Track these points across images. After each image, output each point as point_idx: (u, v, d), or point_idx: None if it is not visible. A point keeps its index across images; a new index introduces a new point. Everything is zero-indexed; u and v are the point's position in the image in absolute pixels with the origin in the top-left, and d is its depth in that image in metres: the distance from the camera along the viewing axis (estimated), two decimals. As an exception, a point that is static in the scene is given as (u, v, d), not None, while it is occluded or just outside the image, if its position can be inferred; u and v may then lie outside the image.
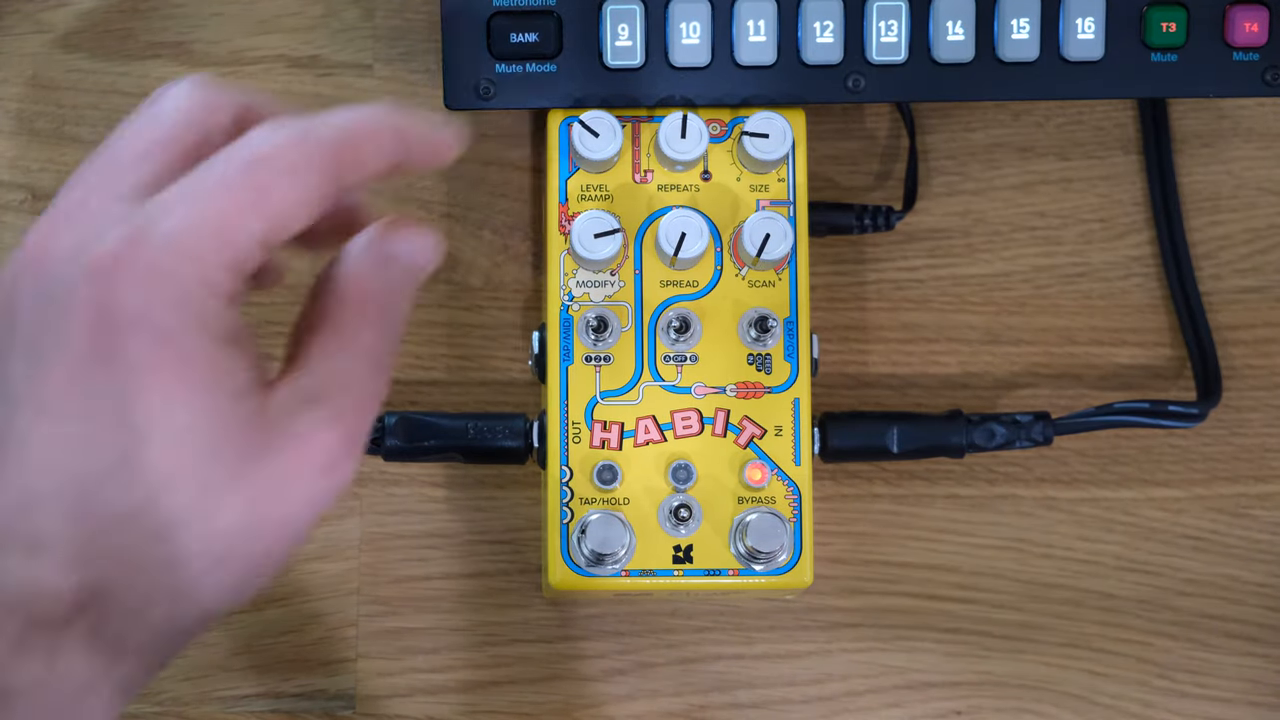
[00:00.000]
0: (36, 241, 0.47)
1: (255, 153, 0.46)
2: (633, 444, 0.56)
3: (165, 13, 0.62)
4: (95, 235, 0.46)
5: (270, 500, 0.47)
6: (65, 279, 0.46)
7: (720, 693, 0.61)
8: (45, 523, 0.45)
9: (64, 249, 0.47)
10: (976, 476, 0.61)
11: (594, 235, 0.55)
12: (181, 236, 0.45)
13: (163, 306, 0.45)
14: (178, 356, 0.46)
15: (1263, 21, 0.57)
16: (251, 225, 0.46)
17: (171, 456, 0.45)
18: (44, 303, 0.46)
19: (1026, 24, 0.57)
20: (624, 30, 0.56)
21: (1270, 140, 0.63)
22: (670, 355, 0.56)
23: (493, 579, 0.61)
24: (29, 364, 0.46)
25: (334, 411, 0.47)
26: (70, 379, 0.46)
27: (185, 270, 0.45)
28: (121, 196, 0.47)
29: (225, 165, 0.46)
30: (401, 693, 0.60)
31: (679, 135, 0.56)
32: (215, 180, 0.46)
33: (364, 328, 0.48)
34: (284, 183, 0.46)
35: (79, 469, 0.45)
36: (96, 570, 0.45)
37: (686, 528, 0.55)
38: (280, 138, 0.46)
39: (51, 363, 0.46)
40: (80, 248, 0.46)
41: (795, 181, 0.57)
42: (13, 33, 0.62)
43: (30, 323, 0.47)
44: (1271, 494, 0.62)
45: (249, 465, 0.46)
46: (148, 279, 0.45)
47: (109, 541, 0.45)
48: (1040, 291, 0.62)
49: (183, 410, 0.45)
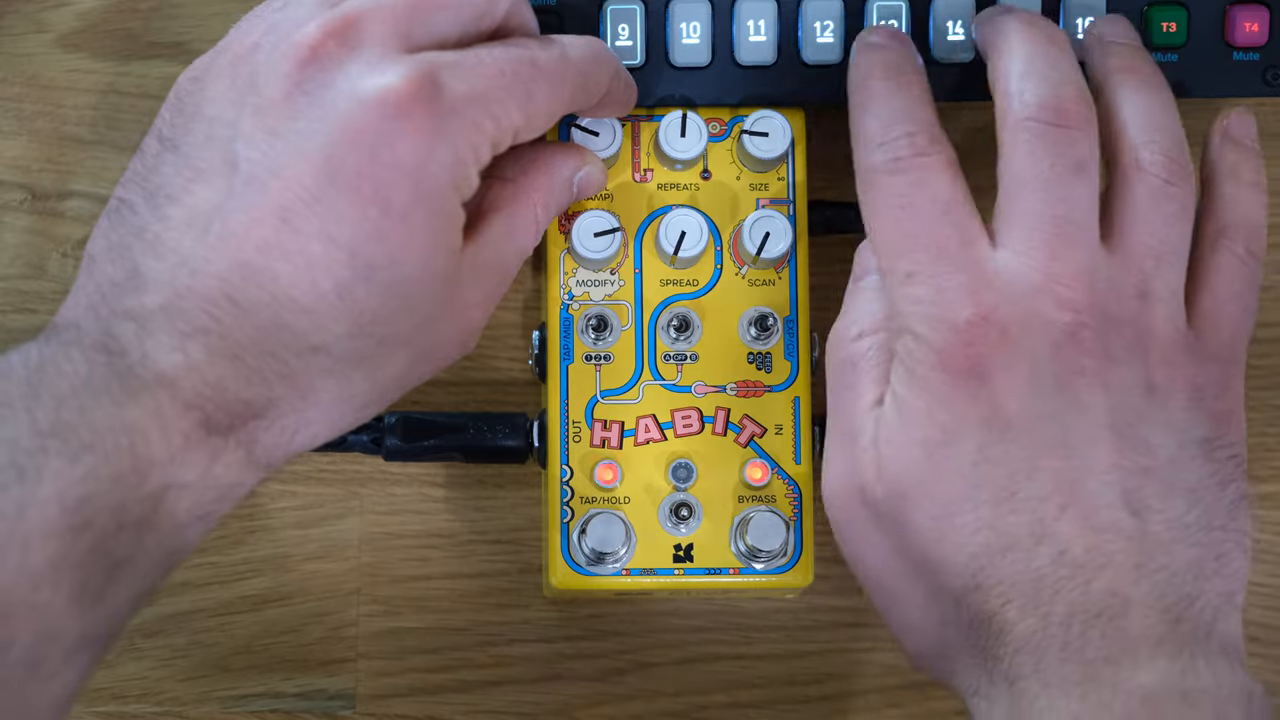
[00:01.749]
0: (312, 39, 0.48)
1: (533, 56, 0.50)
2: (633, 443, 0.56)
3: (165, 13, 0.62)
4: (380, 68, 0.47)
5: (424, 359, 0.51)
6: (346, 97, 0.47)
7: (720, 693, 0.61)
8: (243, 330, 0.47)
9: (346, 68, 0.47)
10: (977, 476, 0.61)
11: (594, 234, 0.55)
12: (468, 102, 0.48)
13: (435, 165, 0.47)
14: (428, 212, 0.48)
15: (1263, 21, 0.57)
16: (515, 116, 0.49)
17: (383, 304, 0.48)
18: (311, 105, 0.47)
19: (1026, 23, 0.57)
20: (624, 30, 0.56)
21: (1270, 140, 0.63)
22: (670, 354, 0.56)
23: (493, 579, 0.61)
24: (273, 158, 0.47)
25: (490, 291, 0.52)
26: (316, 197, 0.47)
27: (465, 136, 0.48)
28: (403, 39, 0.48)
29: (508, 58, 0.49)
30: (401, 693, 0.60)
31: (679, 134, 0.56)
32: (500, 66, 0.49)
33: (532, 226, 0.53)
34: (545, 91, 0.50)
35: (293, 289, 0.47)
36: (273, 390, 0.47)
37: (687, 526, 0.55)
38: (549, 53, 0.50)
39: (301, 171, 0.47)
40: (362, 75, 0.47)
41: (795, 180, 0.57)
42: (13, 33, 0.62)
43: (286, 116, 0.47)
44: (1271, 494, 0.62)
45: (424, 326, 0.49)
46: (433, 134, 0.47)
47: (293, 366, 0.47)
48: (1040, 291, 0.62)
49: (411, 263, 0.48)
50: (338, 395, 0.48)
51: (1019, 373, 0.49)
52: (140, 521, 0.44)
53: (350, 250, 0.47)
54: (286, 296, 0.47)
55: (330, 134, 0.47)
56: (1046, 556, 0.48)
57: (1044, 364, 0.49)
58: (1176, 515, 0.49)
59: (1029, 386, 0.49)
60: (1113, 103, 0.53)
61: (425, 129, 0.47)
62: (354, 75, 0.47)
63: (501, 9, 0.51)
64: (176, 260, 0.47)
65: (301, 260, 0.47)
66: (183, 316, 0.46)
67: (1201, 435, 0.50)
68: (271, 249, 0.46)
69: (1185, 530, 0.49)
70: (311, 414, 0.48)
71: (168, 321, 0.46)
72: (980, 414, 0.49)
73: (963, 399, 0.49)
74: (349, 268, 0.47)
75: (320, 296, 0.47)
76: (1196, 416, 0.50)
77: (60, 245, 0.62)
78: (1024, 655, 0.47)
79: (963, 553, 0.48)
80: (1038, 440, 0.48)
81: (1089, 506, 0.48)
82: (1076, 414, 0.49)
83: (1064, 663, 0.47)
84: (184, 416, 0.45)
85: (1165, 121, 0.52)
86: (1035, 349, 0.49)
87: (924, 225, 0.50)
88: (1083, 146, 0.50)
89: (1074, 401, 0.49)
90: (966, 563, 0.48)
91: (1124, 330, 0.50)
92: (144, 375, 0.45)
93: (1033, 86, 0.51)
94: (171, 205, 0.48)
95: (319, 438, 0.49)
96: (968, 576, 0.48)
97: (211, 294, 0.46)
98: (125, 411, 0.45)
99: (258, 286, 0.46)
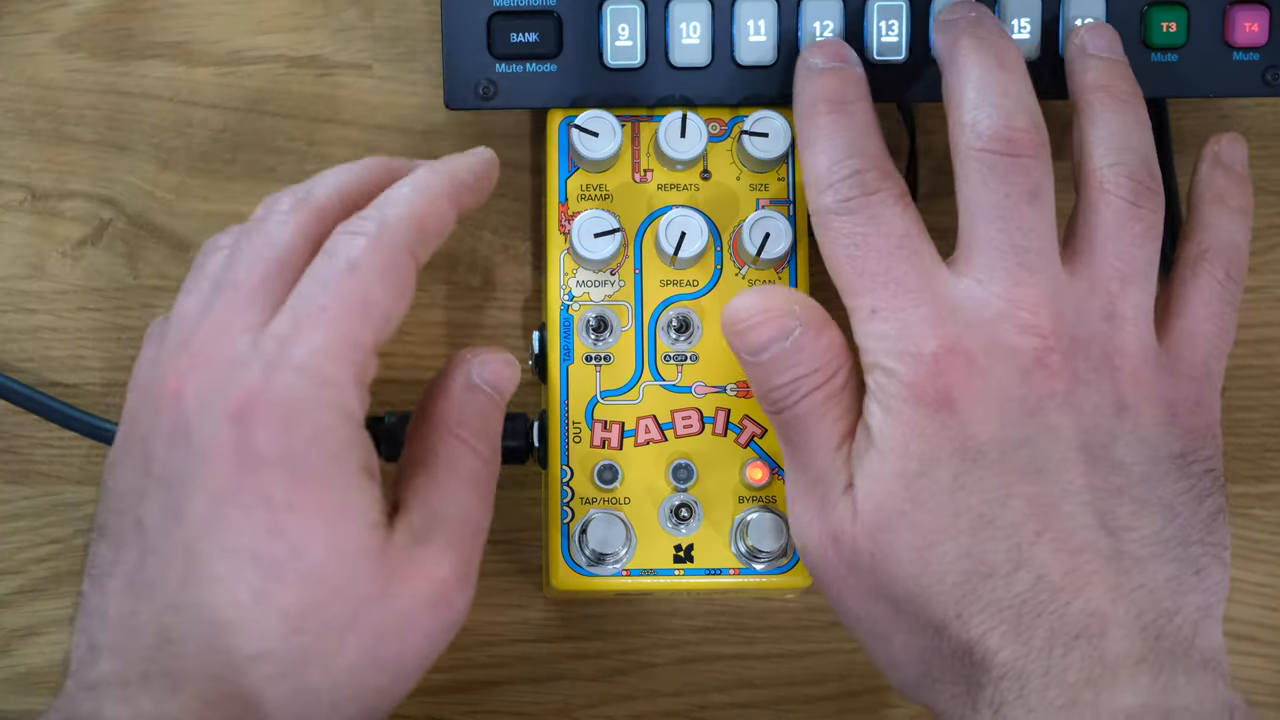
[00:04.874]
0: (170, 381, 0.49)
1: (349, 263, 0.49)
2: (633, 443, 0.56)
3: (165, 13, 0.62)
4: (229, 375, 0.48)
5: (390, 639, 0.48)
6: (204, 422, 0.48)
7: (720, 693, 0.61)
8: (181, 663, 0.47)
9: (201, 391, 0.48)
10: (976, 476, 0.61)
11: (594, 235, 0.55)
12: (312, 366, 0.48)
13: (301, 442, 0.47)
14: (314, 494, 0.47)
15: (1263, 21, 0.57)
16: (363, 336, 0.48)
17: (304, 596, 0.47)
18: (182, 445, 0.48)
19: (1027, 24, 0.57)
20: (624, 30, 0.56)
21: (1270, 140, 0.63)
22: (670, 354, 0.56)
23: (493, 579, 0.61)
24: (166, 506, 0.48)
25: (445, 543, 0.49)
26: (208, 522, 0.47)
27: (320, 398, 0.48)
28: (248, 327, 0.49)
29: (327, 283, 0.49)
30: (401, 693, 0.60)
31: (679, 134, 0.56)
32: (323, 300, 0.48)
33: (463, 454, 0.51)
34: (379, 287, 0.49)
35: (215, 610, 0.47)
36: (225, 712, 0.47)
37: (687, 527, 0.55)
38: (363, 245, 0.49)
39: (190, 506, 0.47)
40: (216, 389, 0.48)
41: (795, 180, 0.57)
42: (13, 33, 0.62)
43: (167, 465, 0.48)
44: (1271, 494, 0.62)
45: (371, 604, 0.48)
46: (286, 416, 0.47)
47: (241, 681, 0.47)
48: (1040, 291, 0.62)
49: (317, 549, 0.47)
50: (296, 699, 0.47)
51: (988, 401, 0.49)
52: None
53: (251, 554, 0.47)
54: (212, 620, 0.47)
55: (201, 462, 0.47)
56: (1025, 582, 0.48)
57: (1012, 390, 0.49)
58: (1153, 531, 0.49)
59: (998, 414, 0.49)
60: (1083, 122, 0.53)
61: (276, 418, 0.47)
62: (206, 401, 0.48)
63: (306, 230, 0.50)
64: (118, 623, 0.48)
65: (212, 582, 0.47)
66: (127, 671, 0.47)
67: (1176, 451, 0.50)
68: (188, 584, 0.47)
69: (1163, 546, 0.49)
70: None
71: (117, 679, 0.47)
72: (953, 443, 0.49)
73: (935, 429, 0.49)
74: (256, 571, 0.47)
75: (242, 608, 0.47)
76: (1170, 433, 0.50)
77: (60, 245, 0.62)
78: (1007, 682, 0.47)
79: (944, 582, 0.48)
80: (1010, 466, 0.49)
81: (1064, 529, 0.48)
82: (1048, 438, 0.49)
83: (1046, 688, 0.47)
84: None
85: (1135, 141, 0.53)
86: (1003, 376, 0.49)
87: (881, 262, 0.51)
88: (1036, 174, 0.51)
89: (1044, 426, 0.49)
90: (948, 592, 0.48)
91: (1091, 352, 0.50)
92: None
93: (985, 116, 0.51)
94: (110, 580, 0.49)
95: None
96: (949, 605, 0.48)
97: (148, 641, 0.47)
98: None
99: (186, 620, 0.47)
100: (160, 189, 0.62)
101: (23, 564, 0.61)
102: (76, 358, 0.61)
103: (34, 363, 0.61)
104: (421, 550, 0.49)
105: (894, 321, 0.50)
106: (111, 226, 0.62)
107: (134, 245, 0.61)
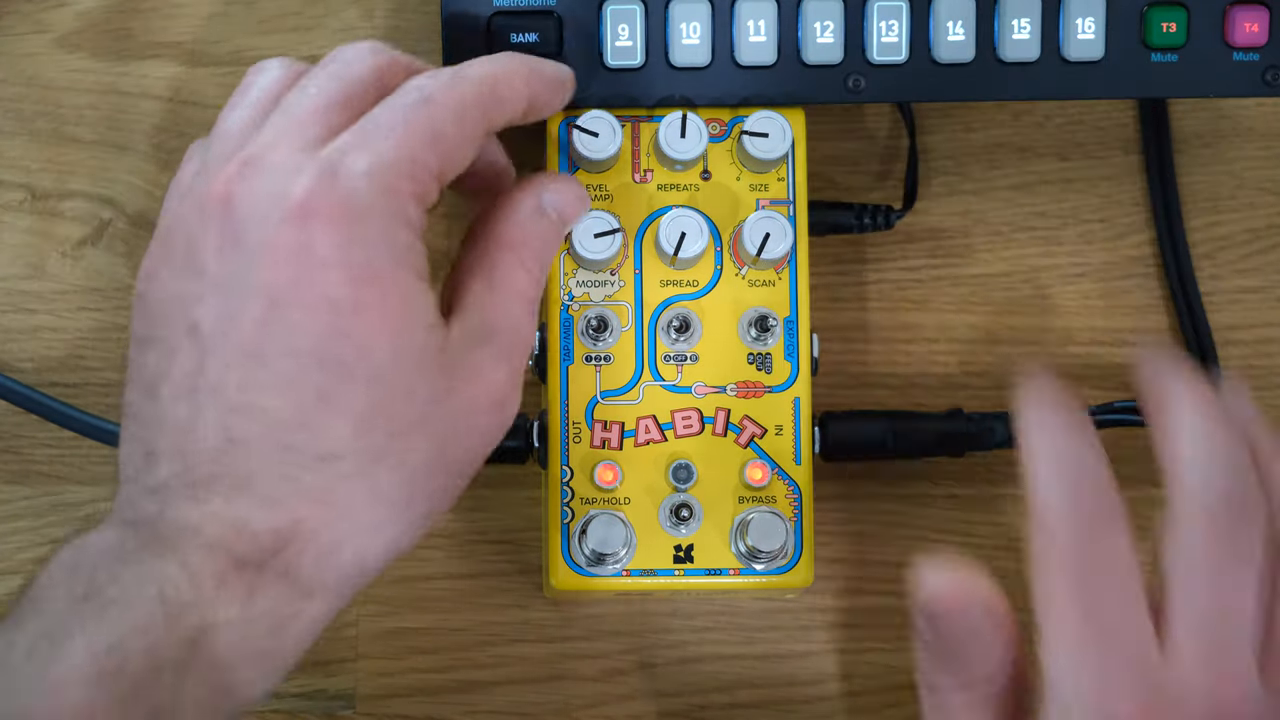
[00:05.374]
0: (218, 187, 0.48)
1: (423, 96, 0.49)
2: (633, 444, 0.56)
3: (165, 13, 0.62)
4: (286, 181, 0.47)
5: (453, 438, 0.49)
6: (260, 225, 0.47)
7: (720, 693, 0.61)
8: (249, 464, 0.47)
9: (255, 195, 0.48)
10: (976, 476, 0.61)
11: (594, 235, 0.55)
12: (376, 172, 0.48)
13: (362, 245, 0.47)
14: (379, 294, 0.47)
15: (1263, 21, 0.57)
16: (429, 161, 0.49)
17: (371, 395, 0.47)
18: (234, 249, 0.48)
19: (1027, 24, 0.57)
20: (624, 30, 0.56)
21: (1270, 140, 0.63)
22: (670, 355, 0.56)
23: (493, 579, 0.61)
24: (222, 310, 0.48)
25: (502, 350, 0.50)
26: (268, 323, 0.47)
27: (382, 205, 0.48)
28: (305, 147, 0.48)
29: (397, 109, 0.49)
30: (401, 693, 0.60)
31: (679, 135, 0.56)
32: (392, 122, 0.48)
33: (519, 272, 0.51)
34: (451, 123, 0.49)
35: (281, 411, 0.47)
36: (295, 511, 0.47)
37: (687, 527, 0.55)
38: (439, 84, 0.49)
39: (248, 309, 0.47)
40: (273, 194, 0.47)
41: (795, 181, 0.57)
42: (13, 33, 0.62)
43: (220, 270, 0.48)
44: (1271, 494, 0.62)
45: (436, 404, 0.48)
46: (347, 218, 0.47)
47: (309, 481, 0.47)
48: (1040, 291, 0.62)
49: (383, 349, 0.47)
50: (369, 498, 0.48)
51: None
52: (178, 664, 0.45)
53: (317, 357, 0.47)
54: (278, 421, 0.47)
55: (260, 264, 0.47)
56: None
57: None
58: None
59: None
60: None
61: (337, 218, 0.47)
62: (263, 203, 0.47)
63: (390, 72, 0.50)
64: (176, 429, 0.48)
65: (278, 384, 0.47)
66: (191, 473, 0.47)
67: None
68: (249, 385, 0.47)
69: None
70: (346, 525, 0.47)
71: (181, 483, 0.47)
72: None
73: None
74: (322, 372, 0.47)
75: (308, 409, 0.47)
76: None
77: (60, 245, 0.62)
78: None
79: None
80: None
81: None
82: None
83: None
84: (211, 559, 0.46)
85: None
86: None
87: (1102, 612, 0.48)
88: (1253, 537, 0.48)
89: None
90: None
91: None
92: (167, 534, 0.46)
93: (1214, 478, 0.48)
94: (161, 387, 0.48)
95: (371, 549, 0.48)
96: None
97: (212, 444, 0.47)
98: (150, 566, 0.45)
99: (249, 421, 0.47)
100: (160, 189, 0.62)
101: (23, 564, 0.61)
102: (76, 358, 0.61)
103: (34, 363, 0.61)
104: (479, 352, 0.50)
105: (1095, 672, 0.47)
106: (111, 226, 0.62)
107: (134, 245, 0.61)
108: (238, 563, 0.46)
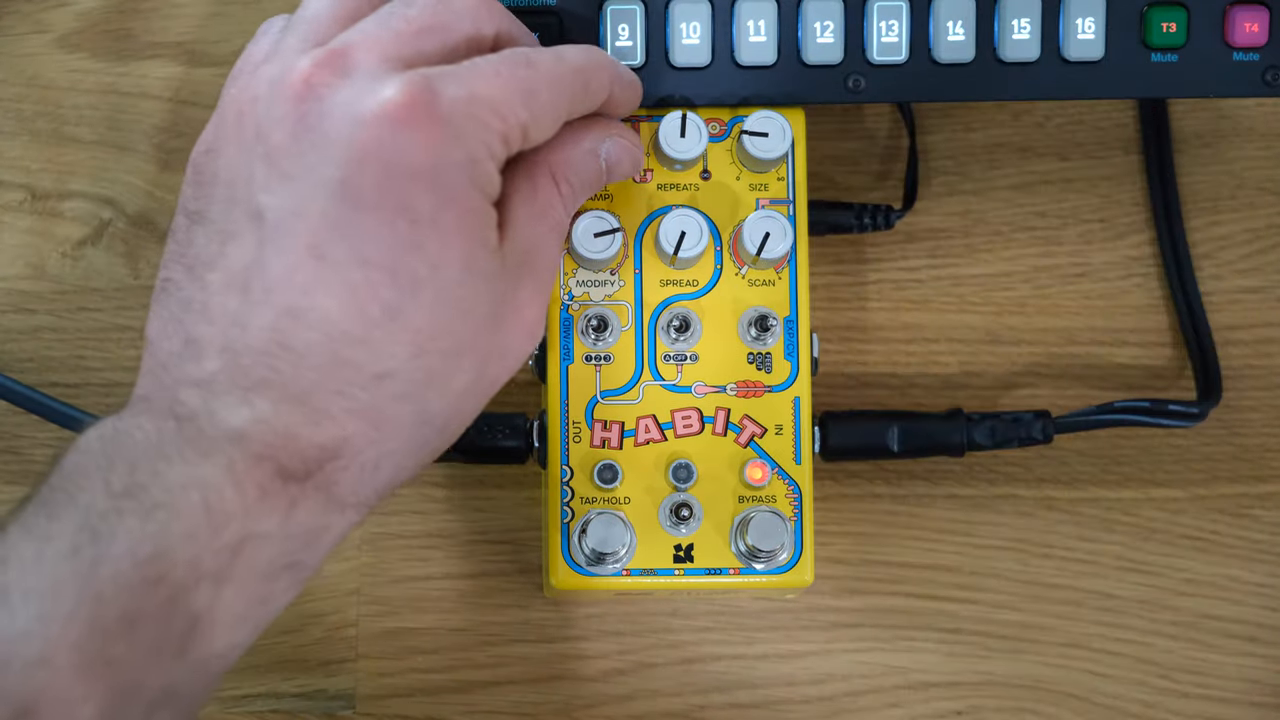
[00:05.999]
0: (302, 69, 0.47)
1: (528, 59, 0.49)
2: (633, 443, 0.56)
3: (165, 13, 0.62)
4: (379, 84, 0.47)
5: (494, 361, 0.49)
6: (344, 120, 0.46)
7: (720, 693, 0.61)
8: (302, 374, 0.46)
9: (343, 90, 0.47)
10: (976, 476, 0.61)
11: (594, 235, 0.55)
12: (469, 102, 0.47)
13: (452, 165, 0.47)
14: (457, 215, 0.47)
15: (1263, 21, 0.57)
16: (520, 112, 0.48)
17: (436, 315, 0.47)
18: (313, 138, 0.46)
19: (1027, 24, 0.57)
20: (624, 30, 0.56)
21: (1270, 140, 0.63)
22: (670, 354, 0.56)
23: (493, 579, 0.61)
24: (291, 202, 0.46)
25: (540, 283, 0.51)
26: (340, 225, 0.46)
27: (474, 133, 0.47)
28: (394, 61, 0.48)
29: (502, 61, 0.49)
30: (401, 693, 0.60)
31: (678, 134, 0.56)
32: (496, 68, 0.48)
33: (557, 205, 0.51)
34: (545, 88, 0.49)
35: (342, 322, 0.46)
36: (345, 428, 0.46)
37: (687, 527, 0.55)
38: (544, 55, 0.49)
39: (320, 206, 0.46)
40: (364, 92, 0.47)
41: (795, 180, 0.57)
42: (13, 33, 0.62)
43: (293, 158, 0.47)
44: (1271, 494, 0.62)
45: (486, 327, 0.48)
46: (442, 136, 0.47)
47: (362, 399, 0.46)
48: (1040, 291, 0.62)
49: (454, 267, 0.47)
50: (415, 420, 0.47)
51: None
52: (218, 574, 0.44)
53: (389, 268, 0.46)
54: (339, 331, 0.46)
55: (340, 160, 0.46)
56: None
57: None
58: None
59: None
60: None
61: (432, 132, 0.46)
62: (351, 99, 0.46)
63: (490, 29, 0.50)
64: (226, 321, 0.46)
65: (344, 291, 0.46)
66: (242, 373, 0.46)
67: None
68: (312, 288, 0.46)
69: None
70: (391, 444, 0.47)
71: (229, 380, 0.46)
72: None
73: None
74: (393, 286, 0.46)
75: (372, 323, 0.46)
76: None
77: (60, 245, 0.62)
78: None
79: None
80: None
81: None
82: None
83: None
84: (256, 468, 0.45)
85: None
86: None
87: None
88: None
89: None
90: None
91: None
92: (213, 434, 0.45)
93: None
94: (211, 271, 0.47)
95: (404, 469, 0.48)
96: None
97: (266, 346, 0.46)
98: (197, 470, 0.44)
99: (308, 327, 0.46)
100: (160, 189, 0.62)
101: (23, 564, 0.61)
102: (76, 358, 0.61)
103: (34, 363, 0.61)
104: (523, 280, 0.50)
105: None
106: (111, 227, 0.62)
107: (134, 245, 0.61)
108: (283, 474, 0.45)
